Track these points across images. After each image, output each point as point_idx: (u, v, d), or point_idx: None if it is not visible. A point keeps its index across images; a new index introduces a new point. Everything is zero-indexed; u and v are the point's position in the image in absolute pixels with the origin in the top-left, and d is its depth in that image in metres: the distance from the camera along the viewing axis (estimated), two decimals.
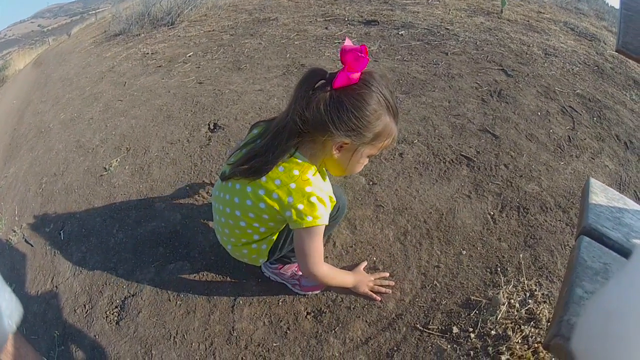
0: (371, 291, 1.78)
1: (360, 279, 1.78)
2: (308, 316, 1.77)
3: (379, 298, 1.77)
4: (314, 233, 1.41)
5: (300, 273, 1.82)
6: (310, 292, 1.84)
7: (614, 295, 0.59)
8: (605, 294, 0.60)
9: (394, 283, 1.83)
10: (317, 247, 1.45)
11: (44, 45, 17.05)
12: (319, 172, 1.43)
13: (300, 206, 1.35)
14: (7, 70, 12.65)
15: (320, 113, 1.27)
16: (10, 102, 6.64)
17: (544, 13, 5.47)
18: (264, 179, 1.39)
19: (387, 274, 1.87)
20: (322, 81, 1.30)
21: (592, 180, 1.50)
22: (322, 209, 1.37)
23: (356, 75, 1.26)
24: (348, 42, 1.26)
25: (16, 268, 2.37)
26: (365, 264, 1.91)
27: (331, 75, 1.29)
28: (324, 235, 1.50)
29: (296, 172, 1.37)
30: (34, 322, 2.03)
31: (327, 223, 1.42)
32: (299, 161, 1.39)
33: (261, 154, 1.40)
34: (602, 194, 1.44)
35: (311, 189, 1.35)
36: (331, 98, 1.27)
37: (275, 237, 1.63)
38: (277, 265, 1.84)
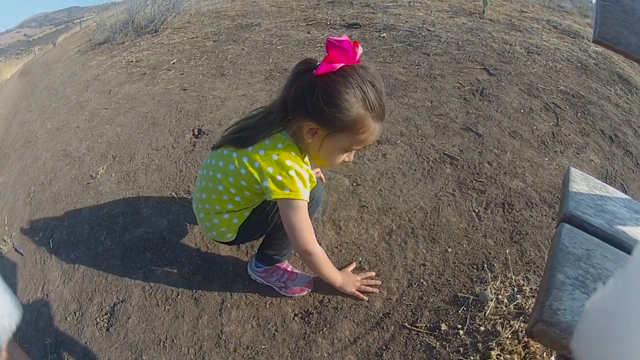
0: (358, 291, 1.80)
1: (347, 279, 1.79)
2: (296, 318, 1.78)
3: (365, 298, 1.79)
4: (298, 207, 1.47)
5: (286, 276, 1.84)
6: (297, 294, 1.84)
7: (613, 296, 0.59)
8: (605, 295, 0.60)
9: (380, 282, 1.85)
10: (305, 223, 1.51)
11: (30, 55, 16.95)
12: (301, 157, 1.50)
13: (279, 177, 1.42)
14: None
15: (297, 95, 1.37)
16: None
17: (526, 12, 5.49)
18: (250, 148, 1.46)
19: (374, 274, 1.89)
20: (313, 70, 1.36)
21: (572, 170, 1.52)
22: (300, 183, 1.43)
23: (338, 65, 1.30)
24: (344, 37, 1.30)
25: (7, 277, 2.35)
26: (353, 265, 1.92)
27: (318, 65, 1.35)
28: None
29: (280, 146, 1.44)
30: (26, 330, 2.02)
31: (307, 200, 1.47)
32: (284, 138, 1.46)
33: (251, 127, 1.51)
34: (582, 183, 1.46)
35: (291, 163, 1.42)
36: (309, 83, 1.34)
37: (248, 214, 1.69)
38: (263, 268, 1.85)
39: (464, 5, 5.43)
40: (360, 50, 1.32)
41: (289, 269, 1.87)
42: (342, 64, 1.31)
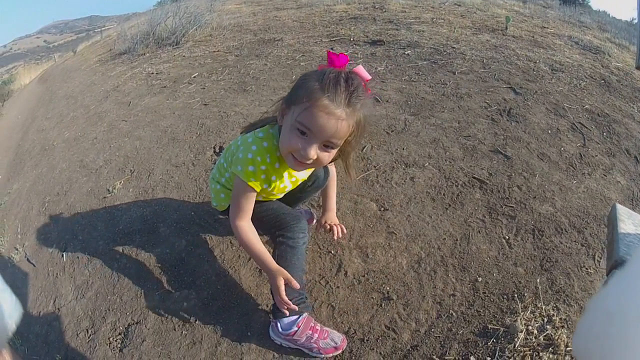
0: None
1: (279, 278, 1.60)
2: None
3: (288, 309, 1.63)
4: (241, 188, 1.59)
5: (316, 336, 1.68)
6: (332, 354, 1.70)
7: (614, 296, 0.59)
8: (606, 295, 0.60)
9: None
10: (241, 202, 1.61)
11: (50, 61, 17.18)
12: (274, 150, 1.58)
13: (241, 155, 1.55)
14: (12, 84, 12.71)
15: None
16: (15, 117, 6.65)
17: (547, 28, 5.50)
18: (248, 135, 1.63)
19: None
20: None
21: (619, 207, 1.43)
22: (252, 168, 1.54)
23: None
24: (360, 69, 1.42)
25: (18, 286, 2.32)
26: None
27: None
28: None
29: (261, 135, 1.60)
30: (36, 342, 1.99)
31: (251, 185, 1.55)
32: (269, 129, 1.61)
33: (265, 121, 1.69)
34: (629, 221, 1.38)
35: (256, 149, 1.55)
36: None
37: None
38: (289, 331, 1.69)
39: (486, 22, 5.43)
40: (360, 70, 1.41)
41: (317, 327, 1.71)
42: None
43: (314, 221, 2.23)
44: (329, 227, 1.95)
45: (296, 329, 1.67)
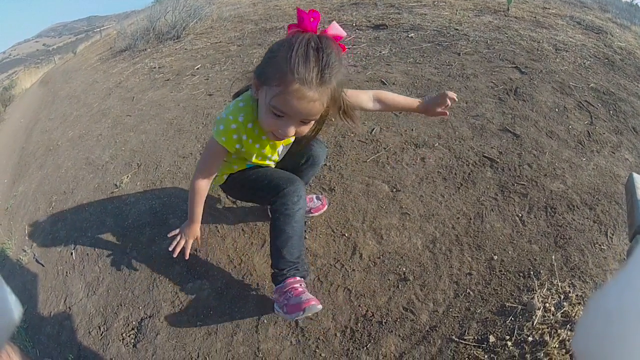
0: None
1: (188, 231, 1.87)
2: (337, 333, 1.69)
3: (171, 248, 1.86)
4: (210, 146, 1.64)
5: (291, 293, 1.57)
6: (295, 314, 1.53)
7: (614, 294, 0.57)
8: (605, 294, 0.58)
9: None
10: (207, 160, 1.69)
11: (50, 64, 17.16)
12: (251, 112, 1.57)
13: (219, 117, 1.59)
14: (14, 90, 12.70)
15: None
16: (18, 120, 6.64)
17: (549, 8, 5.48)
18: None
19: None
20: None
21: (636, 175, 1.43)
22: (222, 127, 1.55)
23: (295, 30, 1.36)
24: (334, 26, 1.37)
25: (27, 288, 2.32)
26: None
27: None
28: None
29: (239, 98, 1.60)
30: (48, 343, 1.97)
31: (221, 143, 1.57)
32: (247, 94, 1.59)
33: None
34: None
35: (231, 109, 1.57)
36: None
37: (226, 178, 1.86)
38: (277, 286, 1.64)
39: (487, 4, 5.40)
40: (334, 28, 1.35)
41: (299, 288, 1.59)
42: (297, 29, 1.34)
43: (326, 207, 2.21)
44: (443, 101, 1.78)
45: (281, 285, 1.60)
